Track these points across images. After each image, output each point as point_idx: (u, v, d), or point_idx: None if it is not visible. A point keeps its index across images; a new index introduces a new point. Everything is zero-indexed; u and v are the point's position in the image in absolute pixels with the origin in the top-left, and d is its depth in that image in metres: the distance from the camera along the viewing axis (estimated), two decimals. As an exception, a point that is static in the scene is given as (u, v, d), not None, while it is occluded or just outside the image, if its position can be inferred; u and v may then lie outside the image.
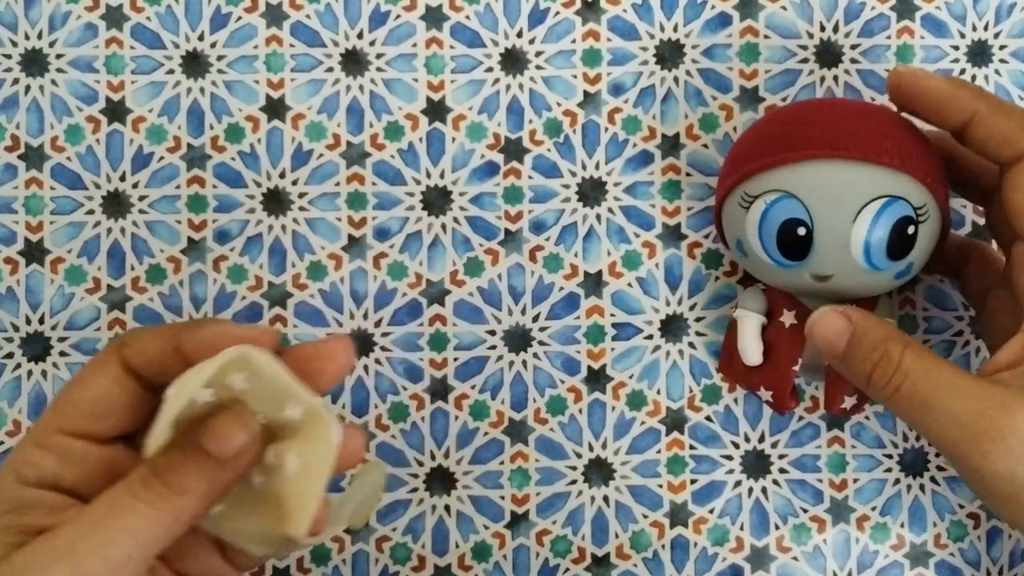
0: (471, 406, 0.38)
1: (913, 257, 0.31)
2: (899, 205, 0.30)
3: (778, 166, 0.31)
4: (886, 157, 0.30)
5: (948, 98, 0.30)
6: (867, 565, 0.37)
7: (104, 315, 0.38)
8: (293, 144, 0.38)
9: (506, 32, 0.38)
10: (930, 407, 0.29)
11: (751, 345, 0.34)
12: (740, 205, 0.32)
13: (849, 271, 0.31)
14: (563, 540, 0.37)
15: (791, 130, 0.31)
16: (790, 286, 0.33)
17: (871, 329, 0.30)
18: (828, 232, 0.30)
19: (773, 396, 0.34)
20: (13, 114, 0.38)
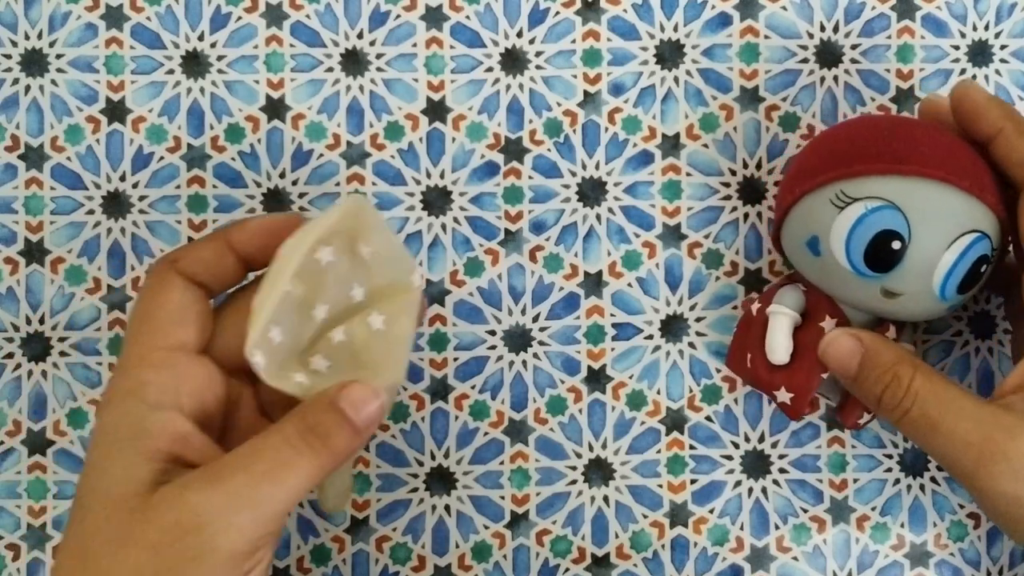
0: (471, 406, 0.38)
1: (970, 293, 0.32)
2: (985, 243, 0.31)
3: (887, 174, 0.30)
4: (989, 195, 0.31)
5: (983, 111, 0.31)
6: (867, 565, 0.37)
7: (104, 315, 0.38)
8: (293, 144, 0.38)
9: (506, 32, 0.38)
10: (938, 429, 0.30)
11: (782, 342, 0.33)
12: (833, 203, 0.31)
13: (921, 295, 0.31)
14: (563, 540, 0.37)
15: (899, 143, 0.31)
16: (850, 296, 0.32)
17: (882, 352, 0.31)
18: (922, 252, 0.30)
19: (793, 399, 0.33)
20: (13, 114, 0.38)
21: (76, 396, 0.37)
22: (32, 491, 0.37)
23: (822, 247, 0.31)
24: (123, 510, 0.27)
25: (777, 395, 0.34)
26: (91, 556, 0.27)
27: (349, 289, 0.29)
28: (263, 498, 0.27)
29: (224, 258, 0.30)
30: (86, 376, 0.37)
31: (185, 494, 0.27)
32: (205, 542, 0.26)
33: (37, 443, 0.37)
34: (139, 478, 0.27)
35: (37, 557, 0.37)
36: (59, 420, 0.37)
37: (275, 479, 0.27)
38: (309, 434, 0.28)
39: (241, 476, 0.27)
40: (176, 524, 0.26)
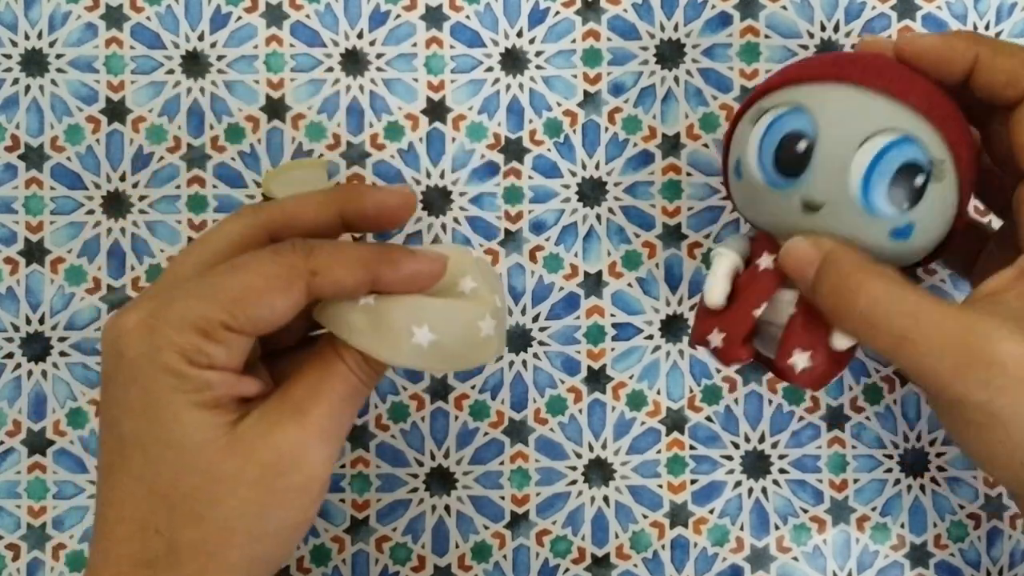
0: (471, 406, 0.38)
1: (916, 217, 0.28)
2: (913, 147, 0.28)
3: (800, 83, 0.29)
4: (914, 97, 0.28)
5: (945, 50, 0.29)
6: (867, 565, 0.37)
7: (104, 315, 0.38)
8: (293, 144, 0.38)
9: (506, 32, 0.38)
10: (908, 339, 0.27)
11: (718, 284, 0.31)
12: (750, 121, 0.30)
13: (842, 206, 0.28)
14: (563, 540, 0.37)
15: (824, 58, 0.30)
16: (778, 218, 0.30)
17: (842, 258, 0.28)
18: (829, 152, 0.28)
19: (724, 339, 0.31)
20: (13, 114, 0.38)
21: (76, 396, 0.37)
22: (32, 491, 0.37)
23: (742, 167, 0.30)
24: (210, 452, 0.27)
25: (710, 339, 0.31)
26: (182, 499, 0.27)
27: None
28: (343, 426, 0.29)
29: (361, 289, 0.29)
30: (86, 376, 0.37)
31: (275, 431, 0.28)
32: (305, 475, 0.28)
33: (37, 443, 0.37)
34: (213, 423, 0.28)
35: (37, 557, 0.37)
36: (59, 420, 0.37)
37: (352, 406, 0.29)
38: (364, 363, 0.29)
39: (324, 407, 0.29)
40: (275, 460, 0.28)
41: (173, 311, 0.28)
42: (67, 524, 0.37)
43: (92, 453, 0.37)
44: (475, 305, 0.30)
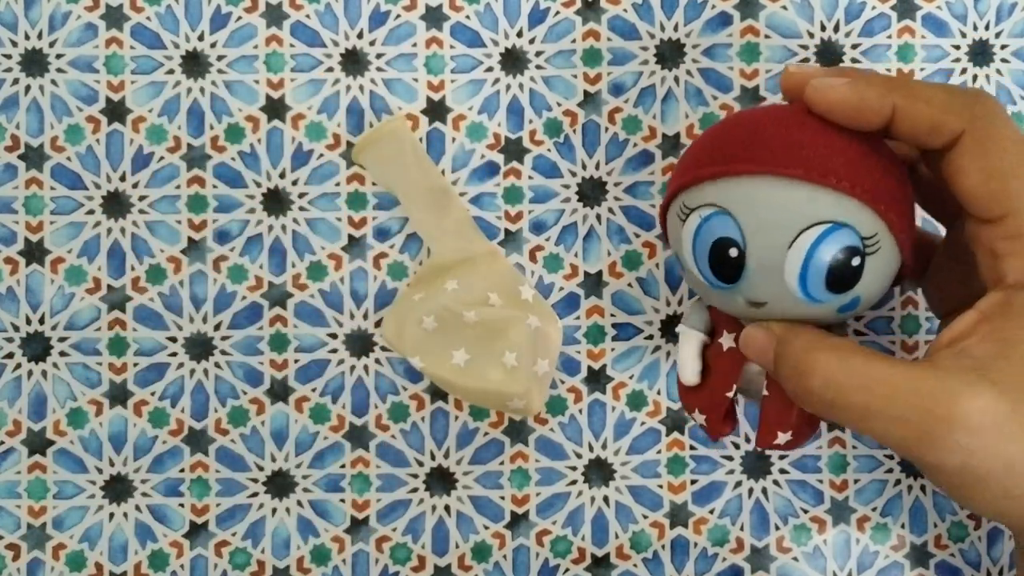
0: (471, 406, 0.38)
1: (860, 291, 0.28)
2: (843, 233, 0.27)
3: (715, 178, 0.28)
4: (832, 178, 0.27)
5: (857, 102, 0.27)
6: (867, 566, 0.37)
7: (104, 315, 0.38)
8: (293, 144, 0.38)
9: (506, 32, 0.38)
10: (871, 413, 0.26)
11: (688, 365, 0.32)
12: (678, 216, 0.29)
13: (785, 300, 0.28)
14: (563, 540, 0.37)
15: (737, 138, 0.28)
16: (728, 309, 0.30)
17: (791, 340, 0.28)
18: (761, 256, 0.27)
19: (706, 420, 0.32)
20: (13, 114, 0.38)
21: (76, 396, 0.37)
22: (32, 491, 0.37)
23: (682, 262, 0.30)
24: None
25: (695, 417, 0.32)
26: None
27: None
28: None
29: None
30: (86, 376, 0.37)
31: None
32: None
33: (37, 443, 0.37)
34: None
35: (37, 557, 0.37)
36: (59, 420, 0.37)
37: None
38: None
39: None
40: None
41: None
42: (67, 524, 0.37)
43: (92, 453, 0.37)
44: (506, 389, 0.34)
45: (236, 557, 0.37)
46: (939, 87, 0.28)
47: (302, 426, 0.38)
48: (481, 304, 0.36)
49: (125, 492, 0.37)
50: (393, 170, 0.36)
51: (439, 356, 0.35)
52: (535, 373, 0.35)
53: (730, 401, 0.31)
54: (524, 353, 0.35)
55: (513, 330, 0.35)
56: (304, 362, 0.38)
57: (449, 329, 0.35)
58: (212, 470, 0.37)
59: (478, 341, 0.35)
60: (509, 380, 0.35)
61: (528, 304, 0.36)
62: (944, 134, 0.27)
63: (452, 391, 0.36)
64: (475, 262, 0.37)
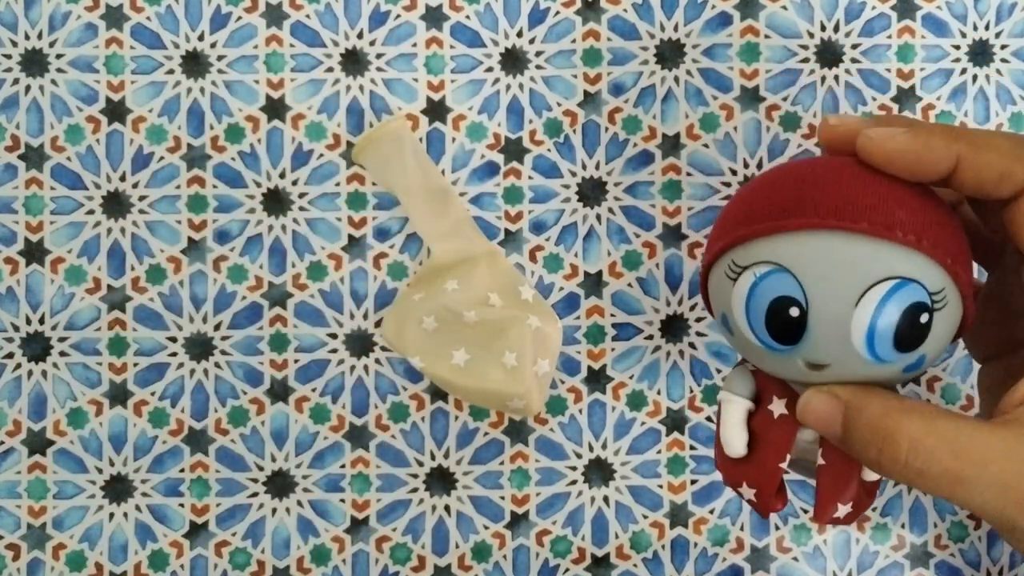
0: (471, 406, 0.38)
1: (926, 349, 0.26)
2: (912, 289, 0.25)
3: (770, 234, 0.26)
4: (899, 232, 0.25)
5: (923, 153, 0.26)
6: (867, 566, 0.37)
7: (104, 315, 0.38)
8: (293, 144, 0.38)
9: (506, 32, 0.38)
10: (962, 480, 0.25)
11: (734, 434, 0.29)
12: (727, 276, 0.27)
13: (849, 362, 0.26)
14: (563, 540, 0.37)
15: (788, 192, 0.27)
16: (781, 373, 0.28)
17: (866, 405, 0.26)
18: (825, 316, 0.26)
19: (756, 495, 0.29)
20: (13, 114, 0.38)
21: (76, 396, 0.37)
22: (32, 491, 0.37)
23: (731, 324, 0.28)
24: None
25: (743, 492, 0.29)
26: None
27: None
28: None
29: None
30: (86, 376, 0.37)
31: None
32: None
33: (37, 443, 0.37)
34: None
35: (37, 557, 0.37)
36: (59, 420, 0.37)
37: None
38: None
39: None
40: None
41: None
42: (67, 524, 0.37)
43: (92, 453, 0.37)
44: (506, 389, 0.35)
45: (236, 557, 0.37)
46: (1000, 134, 0.27)
47: (302, 426, 0.38)
48: (481, 304, 0.36)
49: (125, 492, 0.37)
50: (393, 170, 0.36)
51: (439, 356, 0.35)
52: (535, 373, 0.35)
53: (782, 473, 0.29)
54: (524, 353, 0.35)
55: (513, 330, 0.35)
56: (304, 362, 0.38)
57: (449, 329, 0.35)
58: (212, 470, 0.37)
59: (478, 341, 0.35)
60: (509, 380, 0.35)
61: (528, 304, 0.36)
62: (1013, 183, 0.26)
63: (452, 391, 0.36)
64: (475, 262, 0.37)
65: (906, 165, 0.26)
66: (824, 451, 0.28)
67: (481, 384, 0.35)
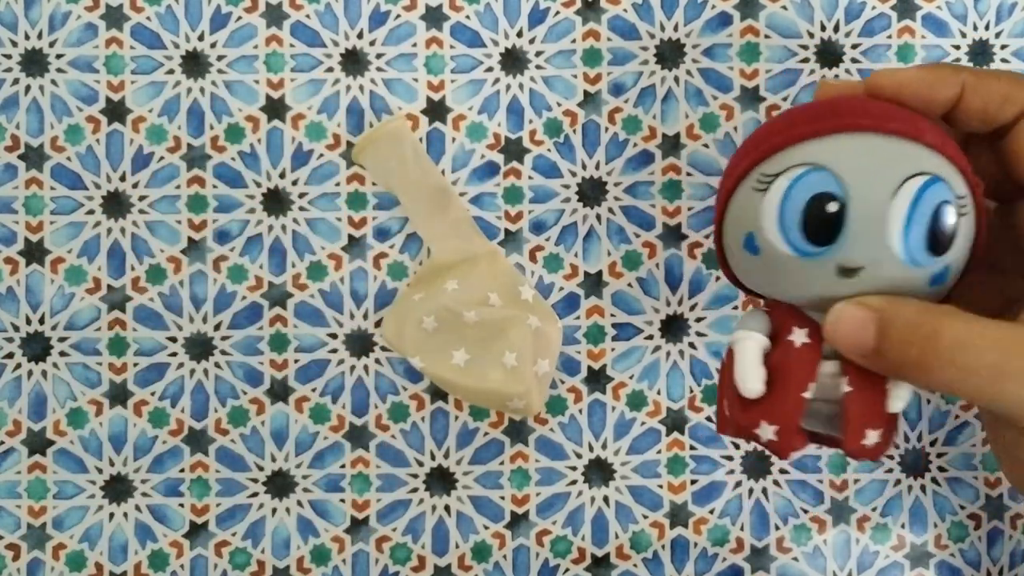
0: (471, 406, 0.38)
1: (951, 258, 0.27)
2: (941, 187, 0.26)
3: (805, 140, 0.27)
4: (928, 135, 0.27)
5: (932, 80, 0.28)
6: (867, 566, 0.37)
7: (104, 315, 0.38)
8: (293, 144, 0.38)
9: (506, 32, 0.38)
10: (1006, 373, 0.24)
11: (751, 370, 0.28)
12: (755, 189, 0.27)
13: (882, 264, 0.26)
14: (563, 540, 0.37)
15: (814, 110, 0.28)
16: (807, 291, 0.27)
17: (901, 308, 0.25)
18: (863, 209, 0.26)
19: (778, 432, 0.27)
20: (13, 114, 0.38)
21: (76, 396, 0.37)
22: (32, 491, 0.37)
23: (759, 241, 0.27)
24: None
25: (760, 433, 0.28)
26: None
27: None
28: None
29: None
30: (86, 376, 0.37)
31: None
32: None
33: (37, 443, 0.37)
34: None
35: (37, 557, 0.37)
36: (59, 420, 0.37)
37: None
38: None
39: None
40: None
41: None
42: (67, 524, 0.37)
43: (92, 453, 0.37)
44: (506, 389, 0.35)
45: (236, 557, 0.37)
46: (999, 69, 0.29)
47: (302, 426, 0.38)
48: (481, 304, 0.36)
49: (125, 492, 0.37)
50: (393, 170, 0.36)
51: (439, 356, 0.35)
52: (535, 373, 0.35)
53: (807, 405, 0.27)
54: (524, 353, 0.35)
55: (513, 330, 0.35)
56: (304, 362, 0.38)
57: (449, 329, 0.35)
58: (212, 470, 0.37)
59: (478, 341, 0.35)
60: (509, 380, 0.35)
61: (528, 304, 0.36)
62: (1018, 105, 0.28)
63: (452, 391, 0.36)
64: (475, 262, 0.37)
65: (916, 92, 0.28)
66: (851, 378, 0.27)
67: (481, 384, 0.35)
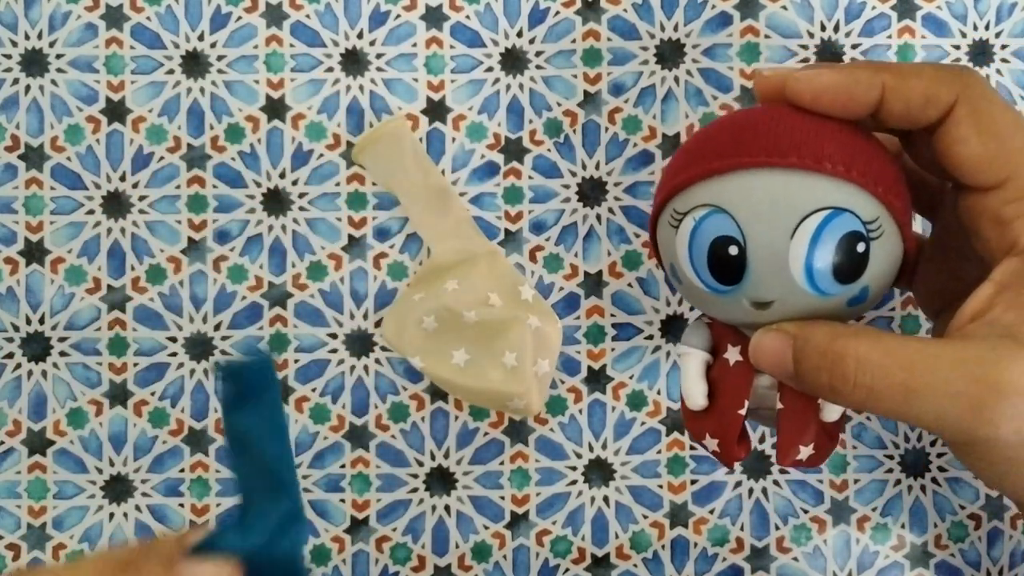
0: (471, 406, 0.38)
1: (867, 280, 0.27)
2: (845, 218, 0.26)
3: (705, 178, 0.27)
4: (827, 163, 0.26)
5: (849, 84, 0.27)
6: (867, 566, 0.37)
7: (104, 315, 0.38)
8: (293, 144, 0.38)
9: (506, 32, 0.38)
10: (913, 391, 0.25)
11: (693, 386, 0.29)
12: (670, 224, 0.28)
13: (791, 296, 0.27)
14: (563, 540, 0.37)
15: (722, 137, 0.28)
16: (730, 316, 0.29)
17: (812, 334, 0.26)
18: (762, 250, 0.26)
19: (719, 445, 0.29)
20: (13, 114, 0.38)
21: (76, 396, 0.37)
22: (32, 491, 0.37)
23: (678, 272, 0.28)
24: None
25: (707, 444, 0.30)
26: None
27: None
28: None
29: None
30: (86, 376, 0.37)
31: None
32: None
33: (37, 443, 0.37)
34: None
35: (37, 557, 0.37)
36: (59, 420, 0.37)
37: None
38: None
39: None
40: None
41: None
42: (67, 524, 0.37)
43: (92, 453, 0.37)
44: (506, 388, 0.35)
45: (236, 557, 0.37)
46: (923, 64, 0.27)
47: (302, 426, 0.38)
48: (481, 304, 0.36)
49: (125, 492, 0.37)
50: (393, 170, 0.36)
51: (439, 356, 0.35)
52: (535, 373, 0.35)
53: (743, 420, 0.29)
54: (524, 353, 0.35)
55: (513, 330, 0.35)
56: (304, 362, 0.38)
57: (449, 329, 0.35)
58: (212, 470, 0.37)
59: (478, 341, 0.35)
60: (509, 380, 0.35)
61: (528, 304, 0.36)
62: (938, 105, 0.27)
63: (452, 391, 0.36)
64: (475, 262, 0.37)
65: (834, 99, 0.27)
66: (782, 394, 0.28)
67: (481, 384, 0.35)
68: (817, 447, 0.29)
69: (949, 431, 0.26)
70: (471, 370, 0.35)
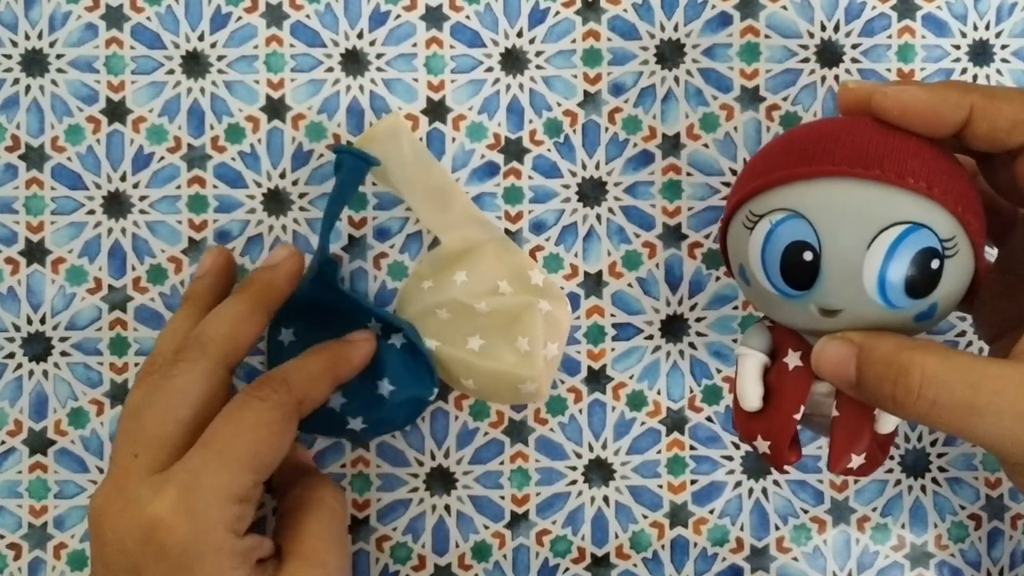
0: (471, 406, 0.38)
1: (937, 297, 0.27)
2: (922, 234, 0.26)
3: (786, 183, 0.27)
4: (910, 179, 0.26)
5: (938, 102, 0.27)
6: (867, 566, 0.37)
7: (105, 315, 0.38)
8: (293, 144, 0.38)
9: (506, 32, 0.38)
10: (977, 409, 0.25)
11: (749, 387, 0.30)
12: (744, 226, 0.28)
13: (860, 307, 0.27)
14: (563, 540, 0.37)
15: (805, 145, 0.28)
16: (795, 322, 0.29)
17: (878, 345, 0.26)
18: (837, 258, 0.27)
19: (771, 447, 0.29)
20: (13, 114, 0.38)
21: (77, 396, 0.37)
22: (33, 491, 0.37)
23: (748, 274, 0.29)
24: None
25: (757, 446, 0.30)
26: None
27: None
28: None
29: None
30: (87, 376, 0.38)
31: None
32: None
33: (38, 443, 0.37)
34: None
35: (38, 556, 0.37)
36: (60, 420, 0.37)
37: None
38: None
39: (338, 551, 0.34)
40: None
41: (207, 487, 0.29)
42: (68, 524, 0.37)
43: (93, 453, 0.37)
44: (519, 372, 0.35)
45: (236, 557, 0.37)
46: (1012, 88, 0.27)
47: (302, 426, 0.38)
48: (491, 294, 0.36)
49: (126, 492, 0.37)
50: (393, 168, 0.36)
51: (454, 341, 0.36)
52: (544, 357, 0.35)
53: (796, 427, 0.29)
54: (536, 338, 0.35)
55: (525, 316, 0.35)
56: (304, 362, 0.38)
57: (463, 319, 0.36)
58: (212, 470, 0.37)
59: (492, 328, 0.35)
60: (522, 364, 0.35)
61: (539, 288, 0.36)
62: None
63: (467, 373, 0.35)
64: (483, 251, 0.36)
65: (920, 116, 0.27)
66: (839, 402, 0.29)
67: (496, 365, 0.35)
68: (868, 457, 0.29)
69: (1010, 452, 0.26)
70: (486, 353, 0.35)
